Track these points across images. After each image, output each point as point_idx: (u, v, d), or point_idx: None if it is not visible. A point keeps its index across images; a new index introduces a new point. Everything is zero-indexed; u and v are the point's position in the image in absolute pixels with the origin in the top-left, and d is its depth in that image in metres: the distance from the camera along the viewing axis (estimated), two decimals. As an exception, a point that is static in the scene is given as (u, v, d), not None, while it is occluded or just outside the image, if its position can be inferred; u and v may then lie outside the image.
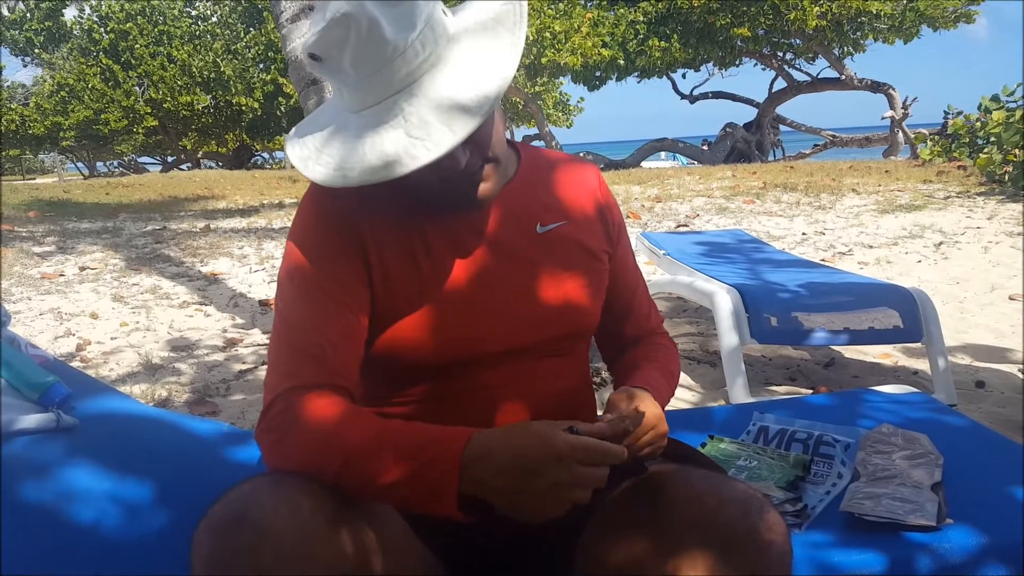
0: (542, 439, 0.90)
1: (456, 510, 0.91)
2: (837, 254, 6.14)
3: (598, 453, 0.91)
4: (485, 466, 0.91)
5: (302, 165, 1.09)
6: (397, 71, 1.02)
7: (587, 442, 0.91)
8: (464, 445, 0.92)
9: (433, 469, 0.92)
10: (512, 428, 0.94)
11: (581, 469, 0.89)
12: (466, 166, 1.08)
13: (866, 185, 9.77)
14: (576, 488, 0.90)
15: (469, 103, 1.01)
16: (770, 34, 17.52)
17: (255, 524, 0.87)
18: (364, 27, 0.99)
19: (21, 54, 24.95)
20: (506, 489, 0.90)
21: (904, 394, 1.99)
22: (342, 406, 1.02)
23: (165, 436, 1.61)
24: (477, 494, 0.92)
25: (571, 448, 0.89)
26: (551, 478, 0.89)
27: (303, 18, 3.44)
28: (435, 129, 1.00)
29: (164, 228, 8.61)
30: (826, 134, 20.34)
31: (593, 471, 0.90)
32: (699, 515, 0.96)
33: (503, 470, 0.90)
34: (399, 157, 1.00)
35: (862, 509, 1.33)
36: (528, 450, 0.90)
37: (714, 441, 1.67)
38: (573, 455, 0.89)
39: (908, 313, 2.97)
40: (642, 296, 1.41)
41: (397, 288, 1.15)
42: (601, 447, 0.91)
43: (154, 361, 3.88)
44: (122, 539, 1.25)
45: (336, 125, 1.09)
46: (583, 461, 0.89)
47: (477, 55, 1.05)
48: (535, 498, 0.90)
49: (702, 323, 4.37)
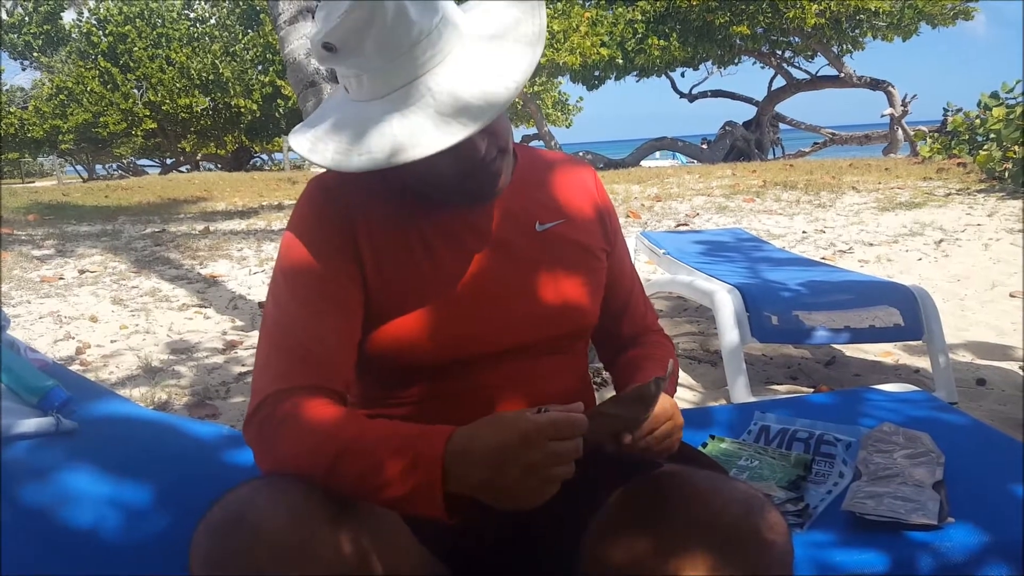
0: (507, 425, 0.89)
1: (444, 511, 0.90)
2: (837, 252, 6.14)
3: (566, 425, 0.88)
4: (463, 462, 0.90)
5: (309, 148, 1.09)
6: (422, 53, 1.03)
7: (552, 416, 0.89)
8: (445, 444, 0.91)
9: (417, 470, 0.91)
10: (482, 421, 0.93)
11: (553, 445, 0.87)
12: (484, 155, 1.09)
13: (866, 183, 9.77)
14: (553, 466, 0.88)
15: (495, 87, 1.02)
16: (769, 32, 17.52)
17: (253, 525, 0.87)
18: (391, 10, 1.00)
19: (20, 58, 24.96)
20: (486, 482, 0.89)
21: (905, 392, 1.98)
22: (330, 409, 1.02)
23: (165, 439, 1.61)
24: (463, 492, 0.91)
25: (537, 427, 0.87)
26: (524, 460, 0.87)
27: (301, 20, 3.44)
28: (461, 110, 1.01)
29: (163, 230, 8.61)
30: (826, 132, 20.36)
31: (566, 444, 0.88)
32: (700, 515, 0.96)
33: (477, 463, 0.89)
34: (423, 139, 1.01)
35: (864, 508, 1.33)
36: (496, 438, 0.88)
37: (715, 441, 1.67)
38: (541, 433, 0.87)
39: (909, 311, 2.97)
40: (638, 295, 1.42)
41: (394, 287, 1.15)
42: (567, 418, 0.89)
43: (154, 364, 3.87)
44: (122, 542, 1.25)
45: (345, 115, 1.09)
46: (554, 437, 0.87)
47: (500, 42, 1.07)
48: (515, 484, 0.88)
49: (702, 322, 4.37)
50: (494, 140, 1.10)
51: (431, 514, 0.91)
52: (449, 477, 0.90)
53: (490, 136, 1.09)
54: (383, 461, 0.93)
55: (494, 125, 1.09)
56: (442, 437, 0.92)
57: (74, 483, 1.34)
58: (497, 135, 1.11)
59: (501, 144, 1.12)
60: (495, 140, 1.10)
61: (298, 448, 0.98)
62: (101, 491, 1.34)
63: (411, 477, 0.91)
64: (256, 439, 1.03)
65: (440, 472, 0.90)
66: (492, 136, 1.09)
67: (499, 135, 1.11)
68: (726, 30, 16.79)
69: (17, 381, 1.52)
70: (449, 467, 0.90)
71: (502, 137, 1.12)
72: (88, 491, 1.33)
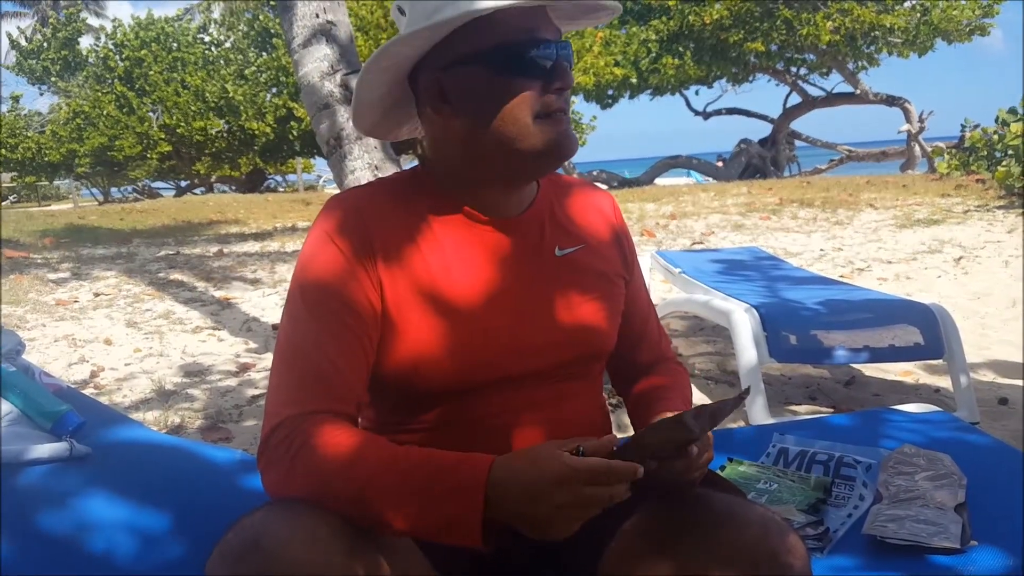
0: (544, 464, 0.90)
1: (480, 540, 0.91)
2: (855, 270, 6.11)
3: (604, 473, 0.90)
4: (500, 493, 0.91)
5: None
6: None
7: (591, 463, 0.90)
8: (487, 474, 0.92)
9: (458, 498, 0.92)
10: (520, 454, 0.94)
11: (587, 491, 0.89)
12: (554, 104, 1.10)
13: (883, 200, 9.73)
14: (583, 508, 0.90)
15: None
16: (783, 49, 17.54)
17: (268, 551, 0.86)
18: None
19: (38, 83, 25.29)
20: (518, 514, 0.91)
21: (926, 413, 1.95)
22: (353, 434, 1.01)
23: (178, 464, 1.60)
24: (496, 520, 0.92)
25: (573, 471, 0.89)
26: (556, 501, 0.89)
27: (315, 43, 3.46)
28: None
29: (178, 253, 8.67)
30: (842, 149, 20.31)
31: (600, 491, 0.90)
32: (719, 539, 0.96)
33: (512, 496, 0.91)
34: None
35: (885, 532, 1.30)
36: (531, 475, 0.90)
37: (733, 464, 1.64)
38: (577, 478, 0.89)
39: (929, 329, 2.94)
40: (654, 323, 1.40)
41: (411, 309, 1.13)
42: (607, 466, 0.90)
43: (167, 387, 3.88)
44: (136, 567, 1.25)
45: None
46: (588, 482, 0.89)
47: None
48: (545, 520, 0.90)
49: (719, 342, 4.34)
50: (566, 93, 1.12)
51: (466, 543, 0.92)
52: (488, 506, 0.91)
53: (561, 80, 1.10)
54: (420, 489, 0.94)
55: (567, 78, 1.10)
56: (484, 467, 0.93)
57: (87, 508, 1.33)
58: (566, 87, 1.11)
59: (567, 100, 1.13)
60: (564, 92, 1.12)
61: (321, 475, 0.97)
62: (114, 516, 1.33)
63: (450, 505, 0.92)
64: (271, 465, 1.02)
65: (482, 502, 0.90)
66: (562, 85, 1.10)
67: (567, 89, 1.12)
68: (740, 47, 16.83)
69: (31, 406, 1.52)
70: (489, 498, 0.91)
71: (568, 96, 1.13)
72: (101, 516, 1.32)
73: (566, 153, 1.14)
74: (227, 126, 22.31)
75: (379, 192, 1.19)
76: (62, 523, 1.30)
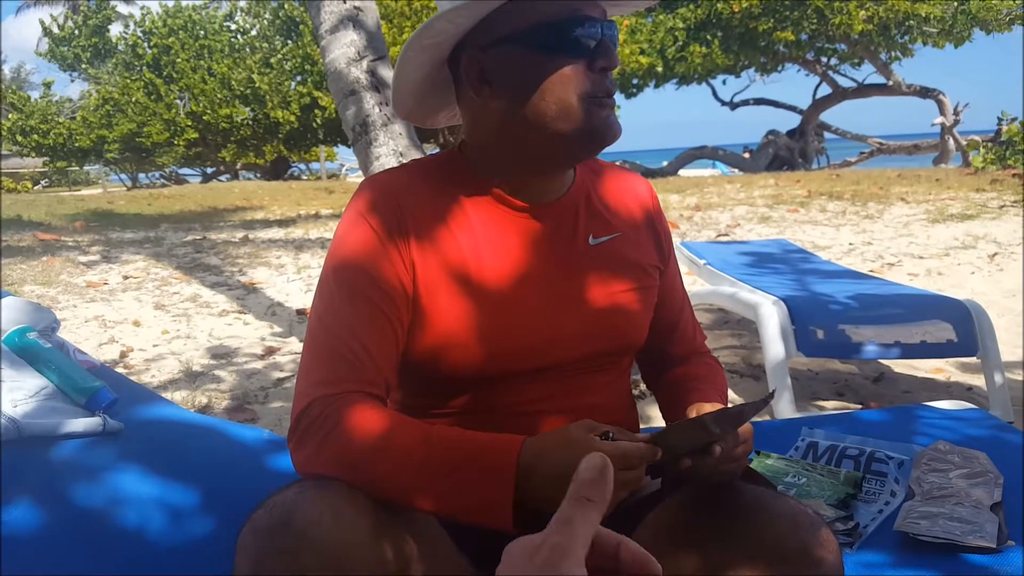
0: (575, 449, 0.90)
1: (510, 522, 0.91)
2: (885, 265, 6.03)
3: (634, 457, 0.91)
4: (530, 477, 0.92)
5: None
6: None
7: (622, 447, 0.91)
8: (517, 456, 0.93)
9: (490, 480, 0.92)
10: (551, 438, 0.95)
11: (617, 475, 0.87)
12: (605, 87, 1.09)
13: (915, 194, 9.60)
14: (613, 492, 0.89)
15: None
16: (814, 39, 17.29)
17: (299, 528, 0.88)
18: None
19: (69, 70, 25.54)
20: (547, 499, 0.90)
21: (960, 410, 1.92)
22: (384, 414, 1.01)
23: (208, 441, 1.62)
24: (524, 502, 0.92)
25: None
26: None
27: (343, 28, 3.46)
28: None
29: (204, 238, 8.73)
30: (873, 141, 20.05)
31: (628, 474, 0.91)
32: (749, 531, 0.95)
33: (542, 481, 0.91)
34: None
35: (917, 529, 1.28)
36: (562, 460, 0.90)
37: (761, 457, 1.62)
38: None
39: (962, 326, 2.89)
40: (688, 314, 1.37)
41: (442, 292, 1.12)
42: (636, 450, 0.92)
43: (194, 368, 3.92)
44: (167, 542, 1.28)
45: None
46: (618, 467, 0.88)
47: None
48: None
49: (745, 335, 4.30)
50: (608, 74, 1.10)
51: (496, 525, 0.92)
52: (518, 489, 0.92)
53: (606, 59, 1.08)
54: (451, 470, 0.94)
55: (612, 58, 1.08)
56: (514, 449, 0.93)
57: (120, 482, 1.35)
58: (611, 67, 1.09)
59: (613, 84, 1.11)
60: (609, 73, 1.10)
61: (352, 454, 0.97)
62: (147, 490, 1.35)
63: (482, 487, 0.93)
64: (303, 444, 1.02)
65: (513, 484, 0.91)
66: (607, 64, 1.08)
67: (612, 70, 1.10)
68: (769, 36, 16.59)
69: (66, 381, 1.54)
70: (519, 480, 0.92)
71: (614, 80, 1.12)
72: (134, 490, 1.34)
73: (608, 139, 1.11)
74: (252, 114, 22.40)
75: (414, 174, 1.18)
76: (95, 496, 1.32)
